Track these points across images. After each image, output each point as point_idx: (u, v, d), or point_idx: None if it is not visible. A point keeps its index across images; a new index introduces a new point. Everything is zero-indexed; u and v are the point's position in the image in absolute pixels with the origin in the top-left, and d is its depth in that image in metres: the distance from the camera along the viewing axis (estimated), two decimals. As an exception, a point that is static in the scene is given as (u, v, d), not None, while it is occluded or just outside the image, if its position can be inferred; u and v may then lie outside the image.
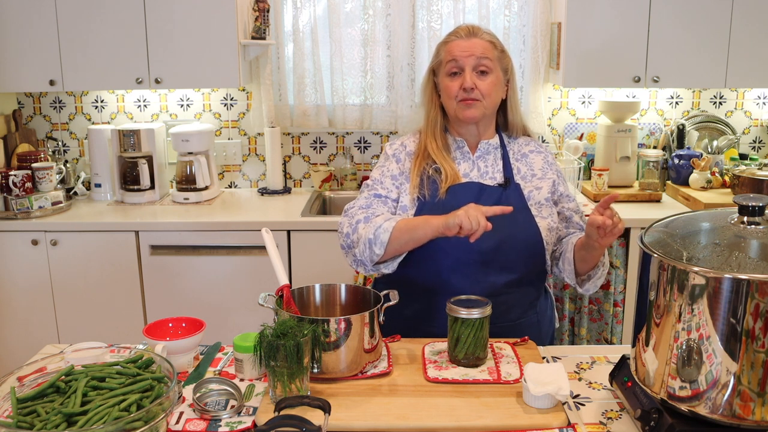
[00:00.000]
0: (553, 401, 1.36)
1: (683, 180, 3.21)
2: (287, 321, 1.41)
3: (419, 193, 1.80)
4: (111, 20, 3.00)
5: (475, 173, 1.85)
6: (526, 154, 1.90)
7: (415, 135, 1.92)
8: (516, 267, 1.77)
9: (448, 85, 1.80)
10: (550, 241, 1.81)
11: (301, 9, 3.25)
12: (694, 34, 3.00)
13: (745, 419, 1.15)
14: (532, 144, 1.94)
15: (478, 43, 1.79)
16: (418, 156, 1.85)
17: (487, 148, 1.87)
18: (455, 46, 1.80)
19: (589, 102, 3.43)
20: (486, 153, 1.87)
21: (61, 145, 3.48)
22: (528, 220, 1.78)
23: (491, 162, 1.87)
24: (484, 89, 1.78)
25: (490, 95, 1.80)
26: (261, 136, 3.45)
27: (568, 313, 3.06)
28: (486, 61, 1.78)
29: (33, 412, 1.17)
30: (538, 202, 1.82)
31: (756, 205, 1.21)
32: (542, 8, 3.22)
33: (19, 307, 2.99)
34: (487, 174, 1.85)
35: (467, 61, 1.77)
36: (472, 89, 1.77)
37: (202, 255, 2.92)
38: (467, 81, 1.77)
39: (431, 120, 1.87)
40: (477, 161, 1.86)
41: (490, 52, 1.80)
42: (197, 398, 1.42)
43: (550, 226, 1.80)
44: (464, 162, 1.86)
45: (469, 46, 1.78)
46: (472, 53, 1.78)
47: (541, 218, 1.80)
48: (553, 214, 1.83)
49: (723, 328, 1.13)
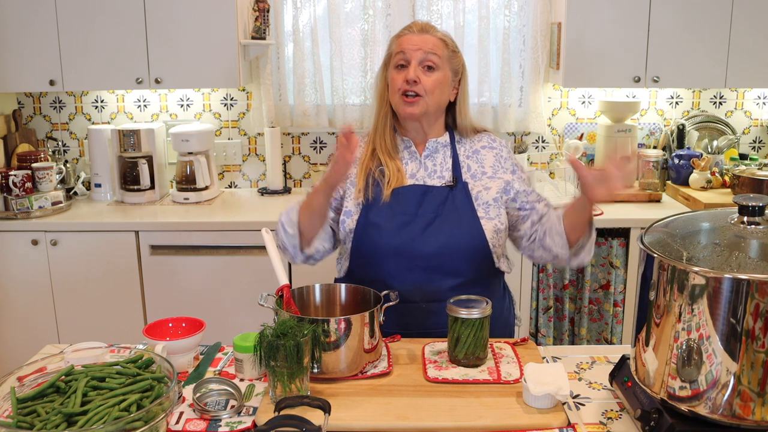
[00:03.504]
0: (553, 401, 1.36)
1: (683, 180, 3.21)
2: (287, 321, 1.41)
3: (363, 196, 1.78)
4: (111, 20, 3.00)
5: (422, 173, 1.82)
6: (477, 150, 1.86)
7: (364, 137, 1.90)
8: (460, 271, 1.74)
9: (394, 78, 1.78)
10: (497, 243, 1.77)
11: (301, 9, 3.25)
12: (694, 34, 3.00)
13: (745, 419, 1.15)
14: (486, 139, 1.89)
15: (429, 39, 1.78)
16: (364, 157, 1.83)
17: (435, 147, 1.84)
18: (406, 39, 1.79)
19: (589, 102, 3.43)
20: (434, 152, 1.84)
21: (61, 145, 3.48)
22: (472, 222, 1.75)
23: (440, 160, 1.84)
24: (427, 85, 1.75)
25: (432, 92, 1.76)
26: (261, 136, 3.45)
27: (568, 313, 3.06)
28: (434, 57, 1.76)
29: (33, 412, 1.17)
30: (486, 202, 1.78)
31: (756, 205, 1.21)
32: (542, 8, 3.22)
33: (19, 307, 2.99)
34: (435, 173, 1.82)
35: (414, 54, 1.76)
36: (415, 82, 1.74)
37: (202, 255, 2.92)
38: (410, 73, 1.74)
39: (381, 117, 1.84)
40: (425, 161, 1.84)
41: (440, 50, 1.78)
42: (197, 398, 1.42)
43: (496, 228, 1.76)
44: (412, 162, 1.84)
45: (419, 40, 1.77)
46: (420, 47, 1.76)
47: (487, 219, 1.76)
48: (501, 215, 1.78)
49: (723, 328, 1.13)
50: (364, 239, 1.75)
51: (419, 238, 1.72)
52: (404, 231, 1.73)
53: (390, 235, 1.73)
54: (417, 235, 1.73)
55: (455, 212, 1.75)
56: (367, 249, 1.75)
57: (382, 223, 1.74)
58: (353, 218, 1.78)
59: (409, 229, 1.73)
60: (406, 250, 1.72)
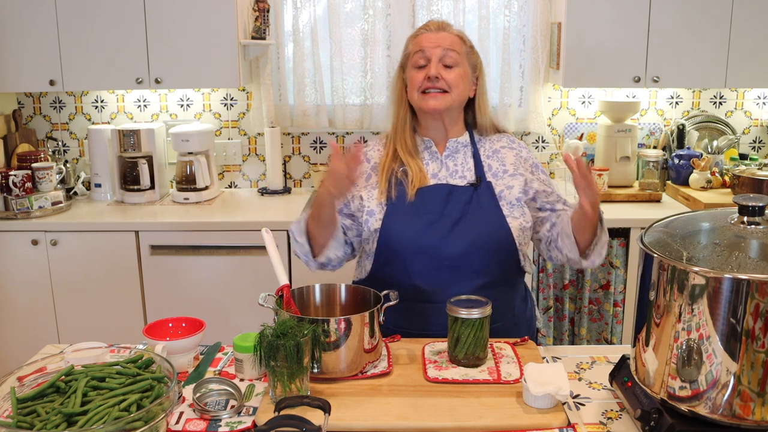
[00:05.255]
0: (553, 401, 1.36)
1: (683, 180, 3.21)
2: (287, 321, 1.41)
3: (387, 195, 1.78)
4: (111, 20, 3.00)
5: (444, 173, 1.82)
6: (497, 150, 1.87)
7: (381, 140, 1.90)
8: (488, 270, 1.74)
9: (414, 76, 1.78)
10: (522, 242, 1.78)
11: (301, 9, 3.25)
12: (694, 34, 3.00)
13: (745, 419, 1.15)
14: (505, 139, 1.90)
15: (446, 36, 1.79)
16: (385, 158, 1.83)
17: (456, 147, 1.85)
18: (424, 38, 1.79)
19: (589, 102, 3.43)
20: (455, 151, 1.85)
21: (61, 145, 3.48)
22: (499, 221, 1.75)
23: (461, 160, 1.84)
24: (450, 79, 1.76)
25: (457, 86, 1.77)
26: (261, 136, 3.45)
27: (568, 313, 3.06)
28: (453, 54, 1.77)
29: (33, 412, 1.17)
30: (510, 201, 1.78)
31: (756, 205, 1.21)
32: (542, 8, 3.22)
33: (19, 307, 2.99)
34: (457, 173, 1.82)
35: (434, 51, 1.76)
36: (437, 78, 1.75)
37: (202, 255, 2.92)
38: (432, 70, 1.75)
39: (400, 119, 1.84)
40: (446, 160, 1.84)
41: (458, 46, 1.79)
42: (197, 398, 1.42)
43: (522, 226, 1.76)
44: (433, 162, 1.84)
45: (437, 38, 1.78)
46: (439, 44, 1.77)
47: (513, 218, 1.76)
48: (526, 214, 1.78)
49: (723, 328, 1.13)
50: (390, 239, 1.74)
51: (447, 238, 1.72)
52: (431, 230, 1.72)
53: (417, 234, 1.72)
54: (444, 235, 1.72)
55: (481, 211, 1.75)
56: (393, 248, 1.74)
57: (408, 222, 1.74)
58: (377, 218, 1.77)
59: (436, 229, 1.72)
60: (433, 250, 1.71)
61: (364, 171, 1.85)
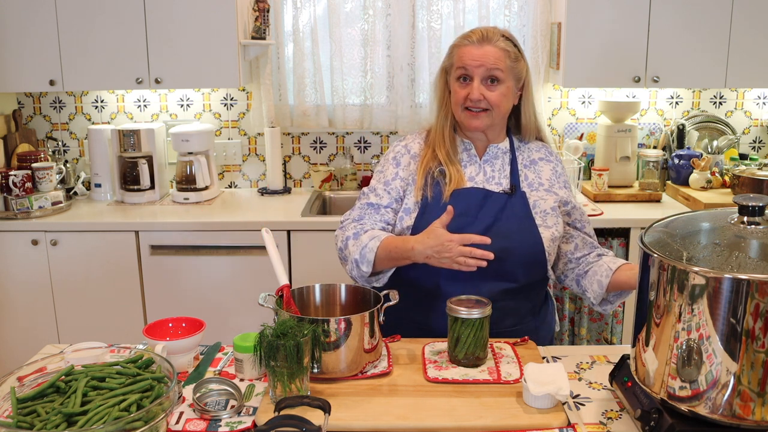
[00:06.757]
0: (553, 401, 1.36)
1: (683, 180, 3.21)
2: (287, 321, 1.41)
3: (423, 194, 1.78)
4: (111, 20, 3.00)
5: (481, 177, 1.82)
6: (535, 161, 1.87)
7: (421, 134, 1.90)
8: (515, 276, 1.75)
9: (457, 91, 1.77)
10: (552, 252, 1.79)
11: (301, 9, 3.25)
12: (694, 34, 3.00)
13: (745, 419, 1.15)
14: (543, 151, 1.90)
15: (490, 51, 1.73)
16: (424, 157, 1.82)
17: (496, 153, 1.84)
18: (466, 52, 1.75)
19: (589, 102, 3.43)
20: (494, 157, 1.84)
21: (61, 145, 3.48)
22: (530, 229, 1.75)
23: (498, 167, 1.84)
24: (493, 100, 1.74)
25: (499, 105, 1.75)
26: (261, 136, 3.45)
27: (568, 313, 3.06)
28: (497, 72, 1.73)
29: (33, 412, 1.17)
30: (544, 210, 1.78)
31: (756, 205, 1.21)
32: (542, 8, 3.22)
33: (19, 307, 2.99)
34: (493, 179, 1.82)
35: (477, 71, 1.73)
36: (479, 100, 1.74)
37: (202, 255, 2.92)
38: (474, 93, 1.73)
39: (441, 119, 1.83)
40: (484, 165, 1.84)
41: (502, 62, 1.74)
42: (197, 398, 1.42)
43: (553, 236, 1.77)
44: (471, 165, 1.84)
45: (480, 55, 1.73)
46: (482, 63, 1.73)
47: (545, 228, 1.76)
48: (558, 224, 1.79)
49: (723, 328, 1.13)
50: None
51: None
52: (464, 233, 1.70)
53: None
54: None
55: (514, 219, 1.76)
56: None
57: None
58: (412, 216, 1.77)
59: (469, 231, 1.70)
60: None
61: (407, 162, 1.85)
